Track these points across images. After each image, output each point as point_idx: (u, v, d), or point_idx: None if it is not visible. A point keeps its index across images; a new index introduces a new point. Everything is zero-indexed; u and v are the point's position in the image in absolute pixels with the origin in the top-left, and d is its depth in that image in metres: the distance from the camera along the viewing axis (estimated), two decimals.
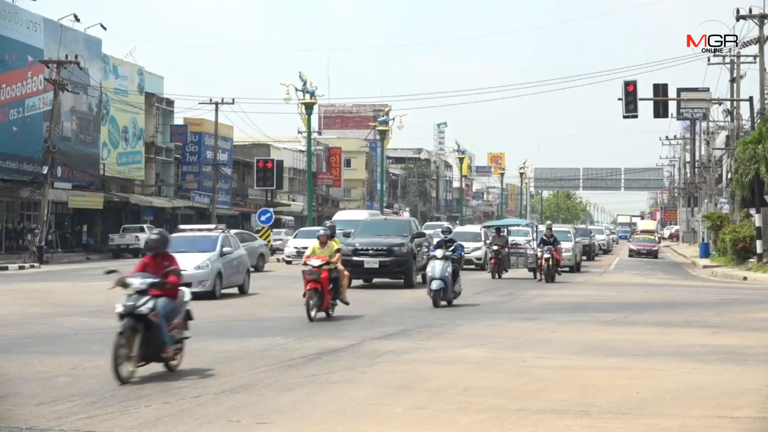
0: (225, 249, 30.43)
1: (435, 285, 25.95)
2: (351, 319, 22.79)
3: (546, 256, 38.78)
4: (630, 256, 71.90)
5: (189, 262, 27.56)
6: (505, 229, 45.43)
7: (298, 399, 12.59)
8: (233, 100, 77.91)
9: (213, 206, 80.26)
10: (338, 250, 23.26)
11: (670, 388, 13.55)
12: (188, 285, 26.56)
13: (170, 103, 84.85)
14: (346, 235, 36.74)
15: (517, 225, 52.89)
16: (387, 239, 34.92)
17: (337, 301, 23.27)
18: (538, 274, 40.13)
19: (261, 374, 14.55)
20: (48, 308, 26.24)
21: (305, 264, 22.89)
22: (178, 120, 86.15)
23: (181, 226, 34.66)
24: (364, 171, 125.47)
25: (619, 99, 45.99)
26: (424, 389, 13.39)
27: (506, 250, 42.39)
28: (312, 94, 73.99)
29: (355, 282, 32.57)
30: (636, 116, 46.37)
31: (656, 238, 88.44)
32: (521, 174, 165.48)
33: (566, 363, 15.89)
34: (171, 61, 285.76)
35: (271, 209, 64.52)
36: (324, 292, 22.40)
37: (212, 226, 34.32)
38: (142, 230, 65.68)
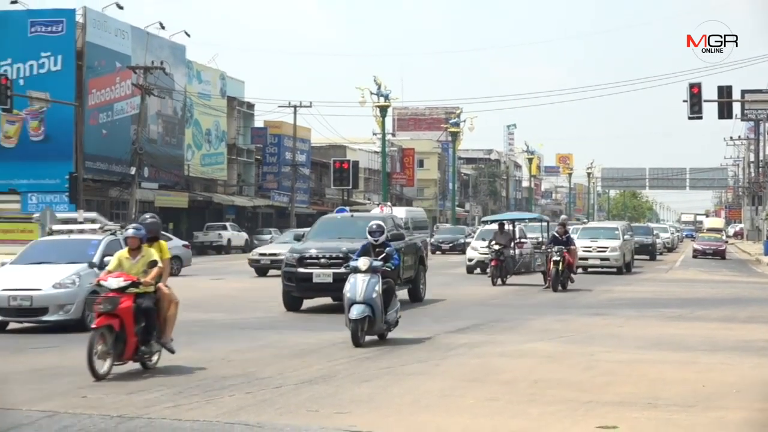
0: (108, 258, 17.52)
1: (355, 312, 17.23)
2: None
3: (555, 258, 32.03)
4: (694, 256, 66.55)
5: (45, 279, 20.27)
6: (511, 225, 38.23)
7: (374, 390, 12.90)
8: (311, 103, 79.26)
9: (292, 205, 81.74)
10: (154, 263, 14.64)
11: (736, 381, 13.75)
12: (44, 311, 19.98)
13: (251, 106, 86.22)
14: (298, 238, 28.85)
15: (523, 219, 44.61)
16: (349, 244, 24.08)
17: (158, 347, 14.77)
18: (546, 280, 33.85)
19: (338, 366, 14.93)
20: None
21: (99, 285, 15.04)
22: (258, 123, 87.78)
23: (55, 227, 23.24)
24: (436, 171, 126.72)
25: (684, 101, 45.87)
26: (496, 381, 13.68)
27: (510, 250, 35.73)
28: (386, 97, 75.13)
29: (308, 303, 25.86)
30: (701, 118, 46.07)
31: (723, 237, 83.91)
32: (588, 174, 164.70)
33: (634, 357, 16.11)
34: (251, 67, 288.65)
35: (347, 208, 65.12)
36: (127, 332, 14.06)
37: (96, 225, 22.64)
38: (224, 228, 70.68)
